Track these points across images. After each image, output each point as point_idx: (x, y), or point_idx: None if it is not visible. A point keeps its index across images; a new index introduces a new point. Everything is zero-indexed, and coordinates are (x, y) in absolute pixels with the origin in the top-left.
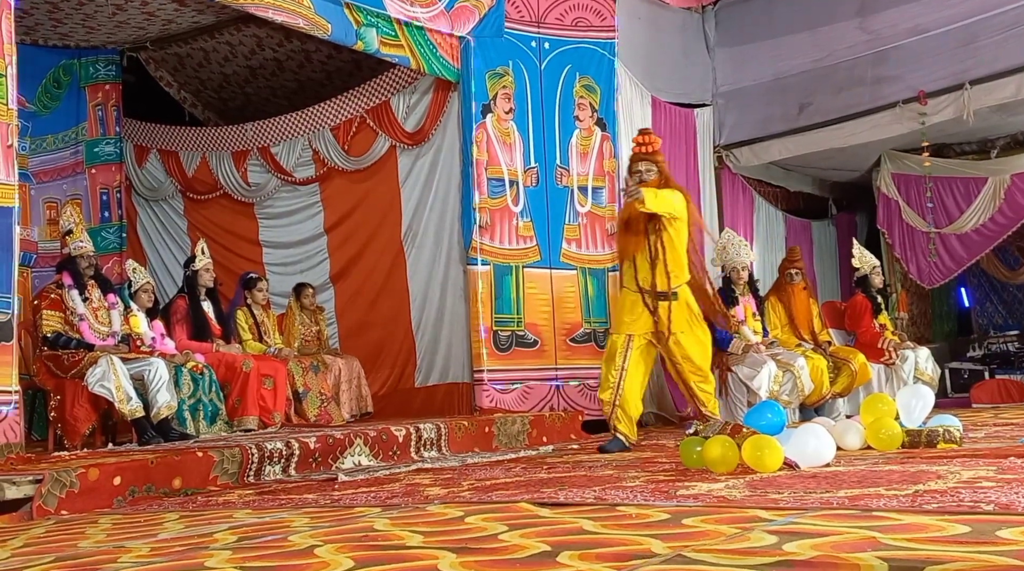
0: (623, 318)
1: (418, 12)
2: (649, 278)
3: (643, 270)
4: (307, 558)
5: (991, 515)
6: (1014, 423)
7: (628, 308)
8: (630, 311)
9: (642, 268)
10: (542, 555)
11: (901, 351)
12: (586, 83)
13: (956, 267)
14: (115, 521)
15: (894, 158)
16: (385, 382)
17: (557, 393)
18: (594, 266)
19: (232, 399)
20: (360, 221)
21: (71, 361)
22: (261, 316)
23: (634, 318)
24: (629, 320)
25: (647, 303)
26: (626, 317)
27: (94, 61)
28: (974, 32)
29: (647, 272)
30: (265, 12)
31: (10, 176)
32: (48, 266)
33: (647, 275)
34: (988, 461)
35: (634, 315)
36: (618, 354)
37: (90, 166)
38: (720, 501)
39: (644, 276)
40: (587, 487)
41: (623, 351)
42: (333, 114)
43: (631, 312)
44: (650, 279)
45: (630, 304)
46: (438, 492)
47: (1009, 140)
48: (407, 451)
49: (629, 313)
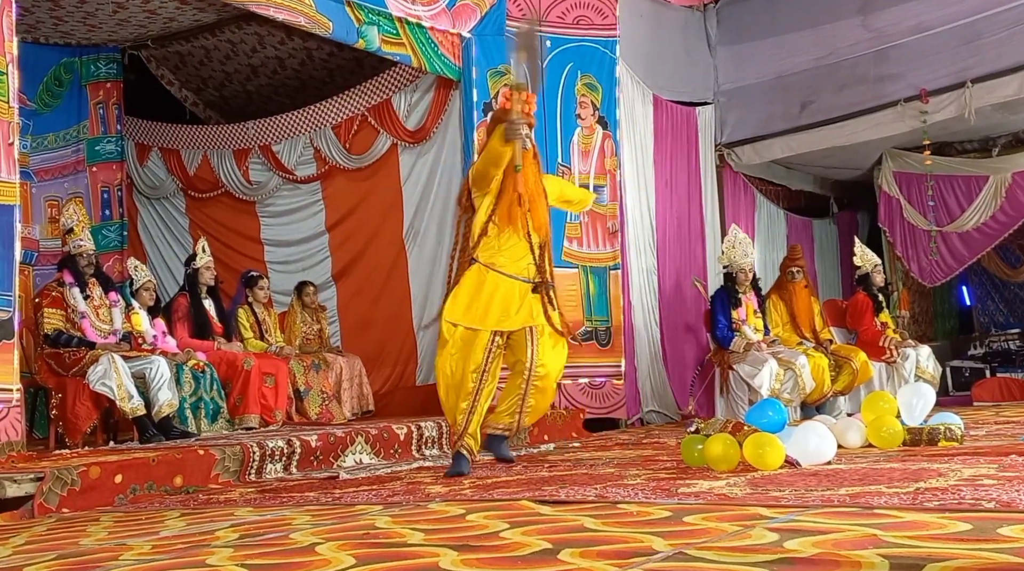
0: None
1: (419, 10)
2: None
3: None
4: (308, 556)
5: (992, 513)
6: (1015, 421)
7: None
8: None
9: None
10: (543, 553)
11: (902, 349)
12: (588, 81)
13: (957, 265)
14: (116, 519)
15: (895, 156)
16: (386, 380)
17: (558, 391)
18: (595, 264)
19: (233, 397)
20: (361, 219)
21: (72, 359)
22: (262, 314)
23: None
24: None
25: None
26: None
27: (95, 59)
28: (976, 30)
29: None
30: (266, 10)
31: (11, 174)
32: (49, 264)
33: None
34: (989, 459)
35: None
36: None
37: (91, 164)
38: (721, 499)
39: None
40: (588, 485)
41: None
42: (334, 112)
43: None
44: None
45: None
46: (439, 490)
47: (1011, 138)
48: (408, 449)
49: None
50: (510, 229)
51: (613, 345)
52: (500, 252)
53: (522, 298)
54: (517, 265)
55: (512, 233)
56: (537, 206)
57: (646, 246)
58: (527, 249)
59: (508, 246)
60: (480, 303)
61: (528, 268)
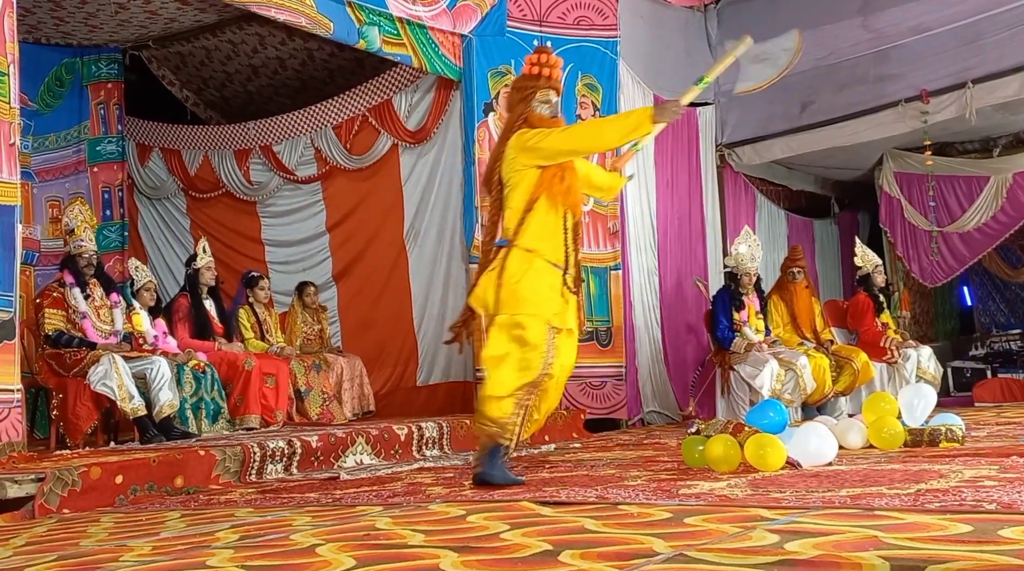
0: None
1: (420, 11)
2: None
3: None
4: (309, 557)
5: (993, 514)
6: (1016, 422)
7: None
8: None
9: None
10: (543, 554)
11: (903, 350)
12: (588, 82)
13: (958, 266)
14: (117, 520)
15: (896, 157)
16: (387, 381)
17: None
18: (596, 265)
19: (234, 398)
20: (362, 220)
21: (73, 359)
22: (263, 314)
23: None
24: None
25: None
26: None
27: (96, 60)
28: (977, 30)
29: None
30: (267, 11)
31: (12, 175)
32: (51, 264)
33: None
34: (990, 460)
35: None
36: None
37: (92, 165)
38: (722, 500)
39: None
40: (589, 486)
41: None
42: (335, 113)
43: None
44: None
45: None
46: (440, 491)
47: (1011, 139)
48: (409, 450)
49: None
50: (551, 208)
51: (614, 345)
52: (541, 236)
53: (561, 290)
54: (556, 251)
55: (552, 211)
56: (575, 183)
57: (647, 246)
58: (561, 230)
59: (547, 227)
60: (538, 292)
61: (561, 252)
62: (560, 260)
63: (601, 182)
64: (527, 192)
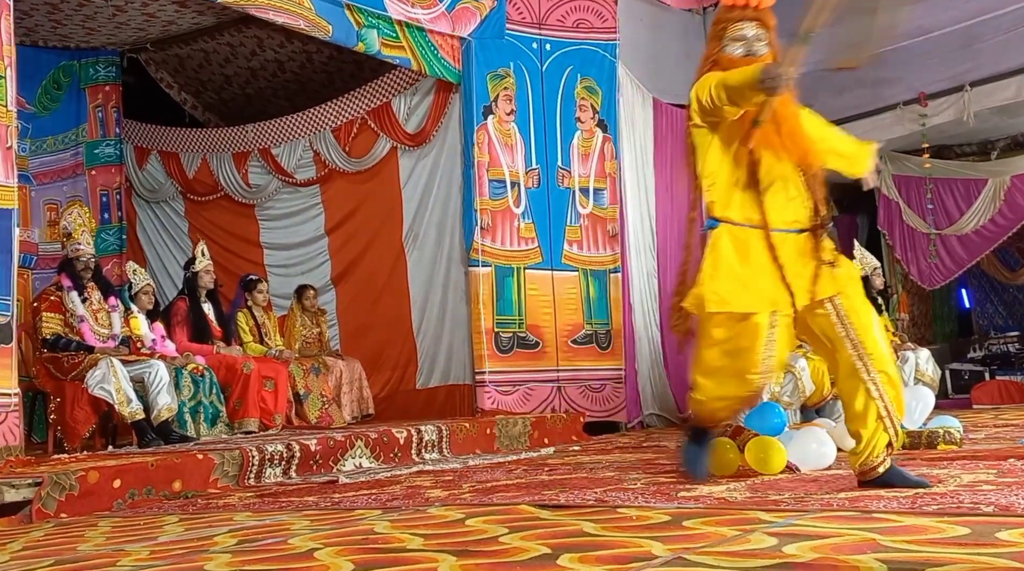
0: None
1: (419, 13)
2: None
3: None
4: (307, 561)
5: (991, 517)
6: (1014, 424)
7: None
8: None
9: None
10: (542, 558)
11: (901, 352)
12: (587, 84)
13: (956, 268)
14: (115, 524)
15: (895, 159)
16: (386, 384)
17: (558, 395)
18: (595, 268)
19: (233, 401)
20: (361, 223)
21: (71, 363)
22: (262, 318)
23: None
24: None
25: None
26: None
27: (94, 62)
28: (974, 34)
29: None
30: (266, 13)
31: (10, 178)
32: (48, 268)
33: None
34: (988, 463)
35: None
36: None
37: (90, 167)
38: (721, 503)
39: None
40: (588, 489)
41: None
42: (334, 115)
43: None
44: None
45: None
46: (439, 494)
47: (1009, 142)
48: (408, 453)
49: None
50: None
51: (613, 348)
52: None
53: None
54: (783, 214)
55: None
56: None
57: (646, 249)
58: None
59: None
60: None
61: (799, 211)
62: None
63: (844, 149)
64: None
